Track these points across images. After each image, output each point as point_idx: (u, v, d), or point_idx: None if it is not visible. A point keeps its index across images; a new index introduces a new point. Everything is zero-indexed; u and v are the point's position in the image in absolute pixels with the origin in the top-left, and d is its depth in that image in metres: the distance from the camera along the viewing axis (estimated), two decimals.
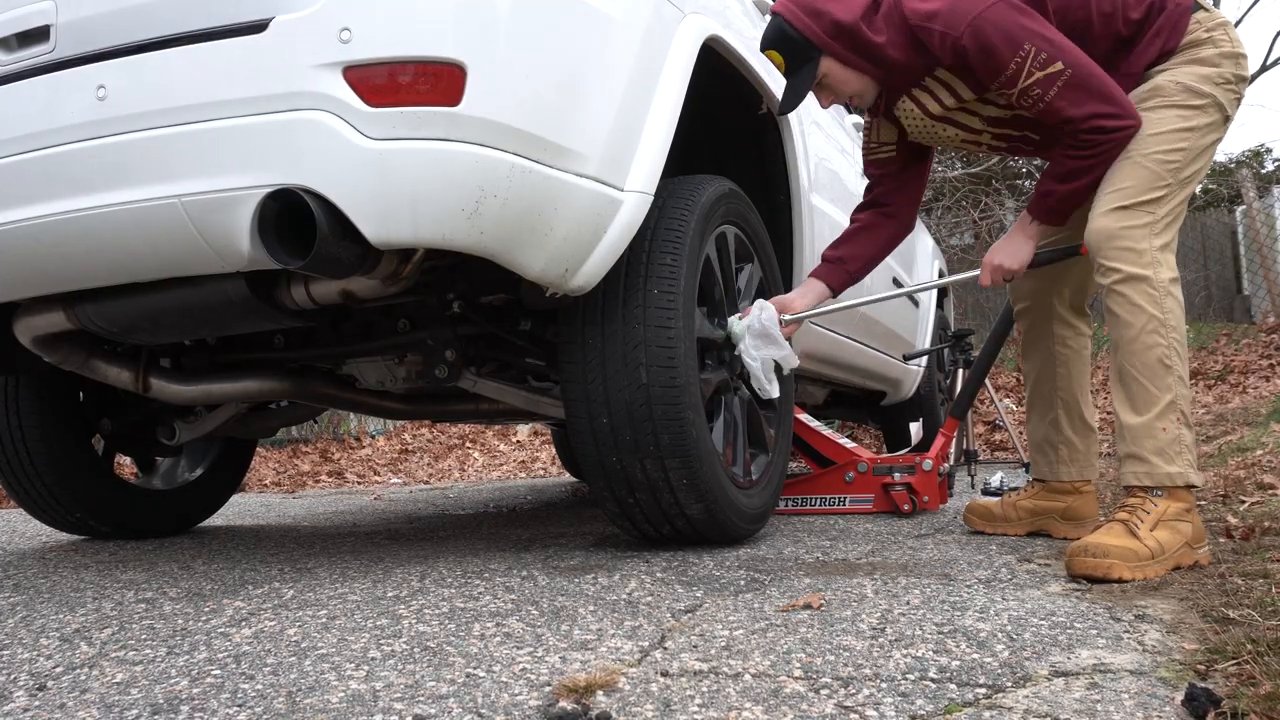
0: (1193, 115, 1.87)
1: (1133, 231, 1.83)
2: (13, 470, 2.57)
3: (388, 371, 2.42)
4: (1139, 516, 1.76)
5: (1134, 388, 1.83)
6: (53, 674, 1.28)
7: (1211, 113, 1.88)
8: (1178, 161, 1.86)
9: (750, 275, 2.35)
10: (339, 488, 5.77)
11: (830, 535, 2.37)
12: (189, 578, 1.99)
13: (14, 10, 1.75)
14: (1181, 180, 1.86)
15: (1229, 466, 3.17)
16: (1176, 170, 1.86)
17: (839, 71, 2.02)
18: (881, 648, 1.28)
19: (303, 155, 1.55)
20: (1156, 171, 1.84)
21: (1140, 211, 1.84)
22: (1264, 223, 8.95)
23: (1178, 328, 1.82)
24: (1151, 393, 1.81)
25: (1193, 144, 1.87)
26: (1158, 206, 1.84)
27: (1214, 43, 1.89)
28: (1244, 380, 6.74)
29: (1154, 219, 1.84)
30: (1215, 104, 1.88)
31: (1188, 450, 1.81)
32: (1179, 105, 1.87)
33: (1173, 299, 1.82)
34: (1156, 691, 1.08)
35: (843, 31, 1.97)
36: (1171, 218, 1.86)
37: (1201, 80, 1.88)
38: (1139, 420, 1.81)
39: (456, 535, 2.65)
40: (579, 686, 1.12)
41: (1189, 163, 1.87)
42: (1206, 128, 1.88)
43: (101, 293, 1.87)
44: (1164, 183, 1.84)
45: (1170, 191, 1.85)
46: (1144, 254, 1.82)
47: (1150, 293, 1.81)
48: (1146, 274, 1.81)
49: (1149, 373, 1.81)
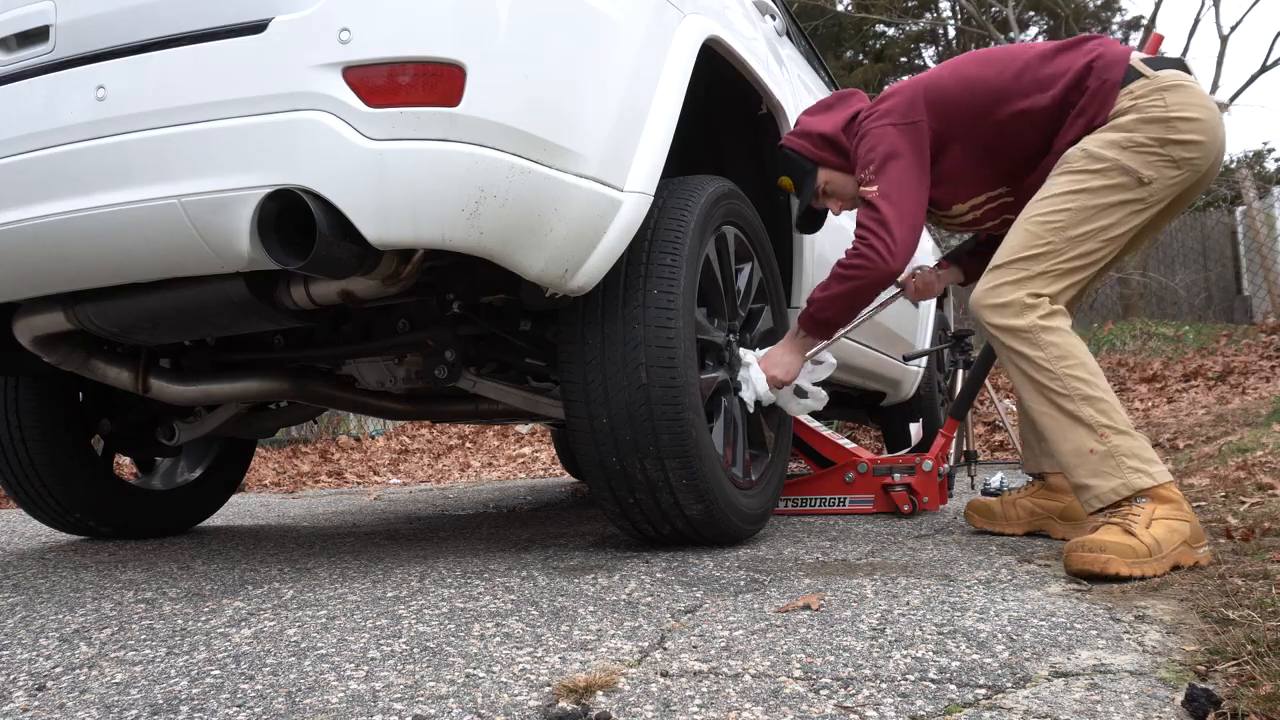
0: (1087, 178, 1.92)
1: (1001, 288, 1.93)
2: (12, 470, 2.57)
3: (387, 372, 2.42)
4: (1131, 518, 1.76)
5: (1047, 425, 1.89)
6: (52, 674, 1.28)
7: (1113, 175, 1.91)
8: (1060, 221, 1.92)
9: (750, 275, 2.35)
10: (338, 488, 5.77)
11: (830, 536, 2.37)
12: (189, 578, 1.98)
13: (13, 10, 1.75)
14: (1069, 238, 1.91)
15: (1229, 467, 3.17)
16: (1059, 229, 1.92)
17: (836, 177, 2.29)
18: (881, 648, 1.27)
19: (302, 156, 1.55)
20: (1035, 231, 1.93)
21: (1010, 269, 1.94)
22: (1264, 223, 8.95)
23: (1066, 356, 1.87)
24: (1062, 423, 1.87)
25: (1083, 204, 1.92)
26: (1033, 263, 1.92)
27: (1139, 109, 1.92)
28: (1244, 381, 6.74)
29: (1027, 274, 1.92)
30: (1118, 168, 1.91)
31: (1124, 459, 1.82)
32: (1074, 170, 1.94)
33: (1049, 333, 1.89)
34: (1156, 692, 1.08)
35: (827, 142, 2.28)
36: (1059, 272, 1.92)
37: (1106, 145, 1.92)
38: (1066, 450, 1.87)
39: (456, 535, 2.65)
40: (579, 687, 1.12)
41: (1078, 222, 1.92)
42: (1102, 189, 1.92)
43: (101, 293, 1.87)
44: (1042, 241, 1.92)
45: (1052, 248, 1.92)
46: (1010, 305, 1.91)
47: (1023, 336, 1.89)
48: (1013, 323, 1.90)
49: (1051, 407, 1.88)
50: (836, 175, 2.28)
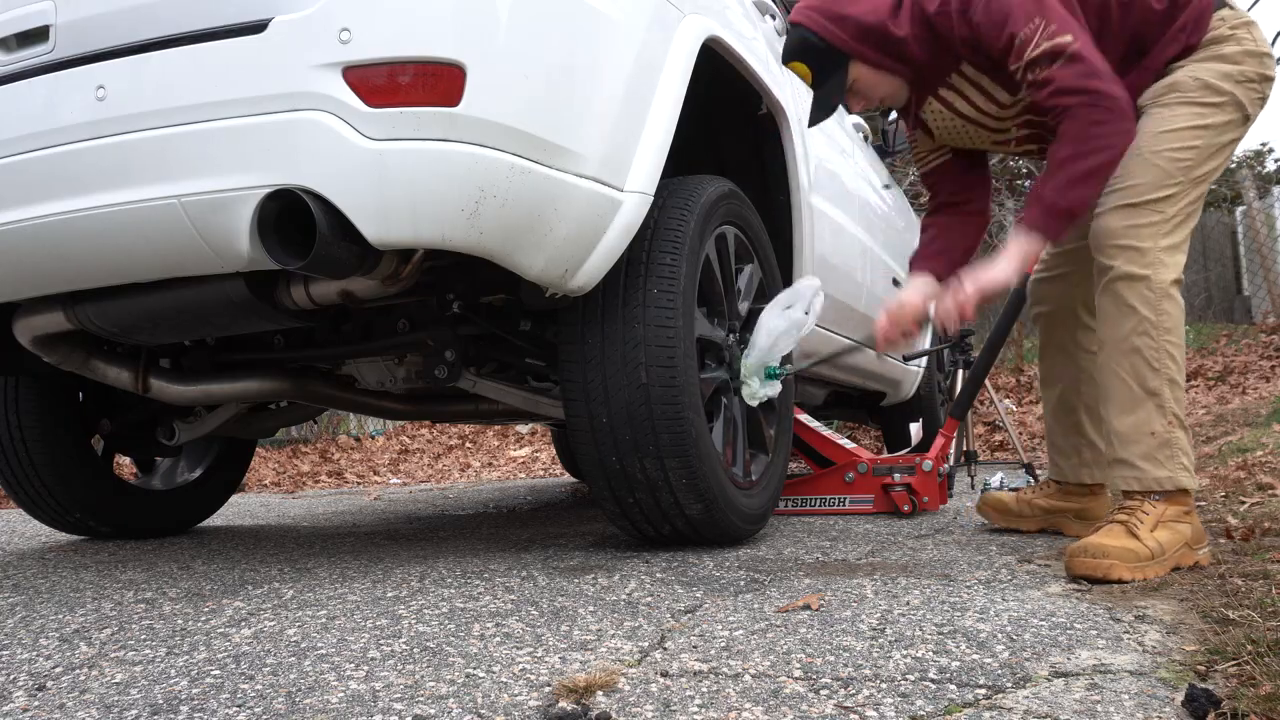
0: (1209, 112, 1.82)
1: (1138, 230, 1.78)
2: (12, 470, 2.57)
3: (387, 372, 2.41)
4: (1138, 518, 1.75)
5: (1120, 390, 1.79)
6: (52, 674, 1.28)
7: (1229, 111, 1.83)
8: (1190, 160, 1.80)
9: (750, 275, 2.35)
10: (338, 488, 5.77)
11: (830, 536, 2.37)
12: (189, 578, 1.98)
13: (13, 10, 1.75)
14: (1194, 179, 1.81)
15: (1229, 467, 3.17)
16: (1188, 169, 1.80)
17: (869, 75, 1.98)
18: (881, 648, 1.27)
19: (302, 155, 1.55)
20: (1167, 169, 1.79)
21: (1148, 210, 1.79)
22: (1264, 223, 8.94)
23: (1173, 330, 1.77)
24: (1137, 394, 1.78)
25: (1207, 141, 1.82)
26: (1167, 205, 1.79)
27: (1237, 40, 1.84)
28: (1244, 381, 6.74)
29: (1163, 218, 1.78)
30: (1234, 102, 1.83)
31: (1180, 454, 1.77)
32: (1195, 102, 1.82)
33: (1171, 301, 1.78)
34: (1156, 692, 1.08)
35: (869, 33, 1.92)
36: (1182, 217, 1.81)
37: (1221, 77, 1.83)
38: (1127, 423, 1.79)
39: (456, 535, 2.65)
40: (579, 687, 1.12)
41: (1202, 161, 1.82)
42: (1223, 126, 1.83)
43: (101, 293, 1.86)
44: (1174, 181, 1.79)
45: (1181, 190, 1.80)
46: (1147, 253, 1.77)
47: (1146, 294, 1.76)
48: (1145, 274, 1.76)
49: (1135, 374, 1.77)
50: (869, 72, 1.97)
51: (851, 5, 1.93)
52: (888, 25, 1.91)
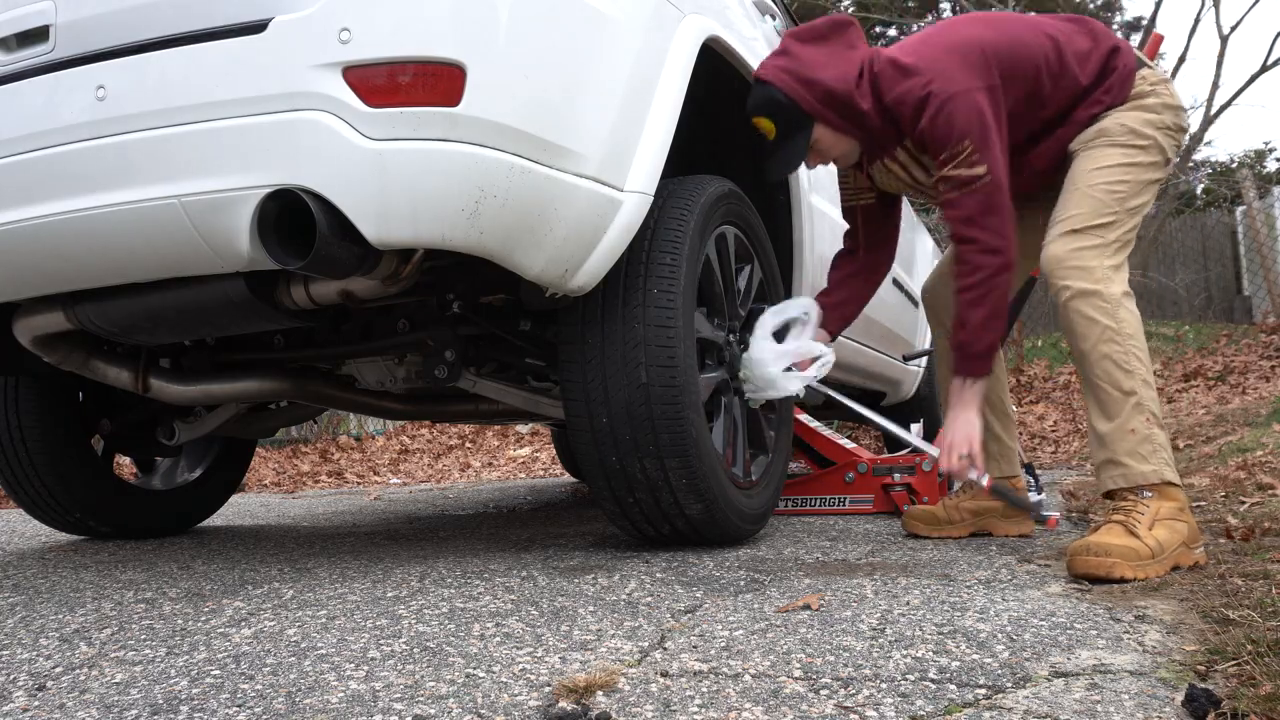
0: (1136, 154, 1.97)
1: (1082, 253, 1.90)
2: (12, 470, 2.57)
3: (387, 371, 2.42)
4: (1135, 517, 1.77)
5: (1100, 395, 1.89)
6: (52, 674, 1.28)
7: (1153, 153, 1.98)
8: (1123, 192, 1.94)
9: (750, 276, 2.35)
10: (338, 488, 5.77)
11: (830, 536, 2.37)
12: (189, 578, 1.99)
13: (13, 10, 1.75)
14: (1128, 210, 1.95)
15: (1229, 467, 3.17)
16: (1122, 199, 1.94)
17: (829, 137, 2.07)
18: (881, 648, 1.27)
19: (302, 155, 1.55)
20: (1103, 200, 1.93)
21: (1089, 235, 1.92)
22: (1264, 223, 8.95)
23: (1135, 335, 1.89)
24: (1116, 397, 1.86)
25: (1135, 178, 1.96)
26: (1106, 232, 1.92)
27: (1157, 94, 2.00)
28: (1244, 381, 6.74)
29: (1103, 242, 1.92)
30: (1156, 145, 1.98)
31: (1160, 449, 1.85)
32: (1123, 144, 1.97)
33: (1126, 310, 1.89)
34: (1156, 692, 1.08)
35: (836, 100, 2.01)
36: (1120, 244, 1.94)
37: (1145, 124, 1.98)
38: (1110, 426, 1.87)
39: (456, 535, 2.65)
40: (579, 687, 1.12)
41: (1134, 195, 1.96)
42: (1149, 165, 1.98)
43: (101, 293, 1.86)
44: (1110, 210, 1.93)
45: (1118, 219, 1.93)
46: (1094, 271, 1.89)
47: (1102, 305, 1.87)
48: (1097, 288, 1.88)
49: (1110, 379, 1.87)
50: (830, 134, 2.06)
51: (821, 70, 2.01)
52: (854, 95, 2.01)
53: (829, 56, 2.03)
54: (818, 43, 2.05)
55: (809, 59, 2.02)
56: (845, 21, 2.10)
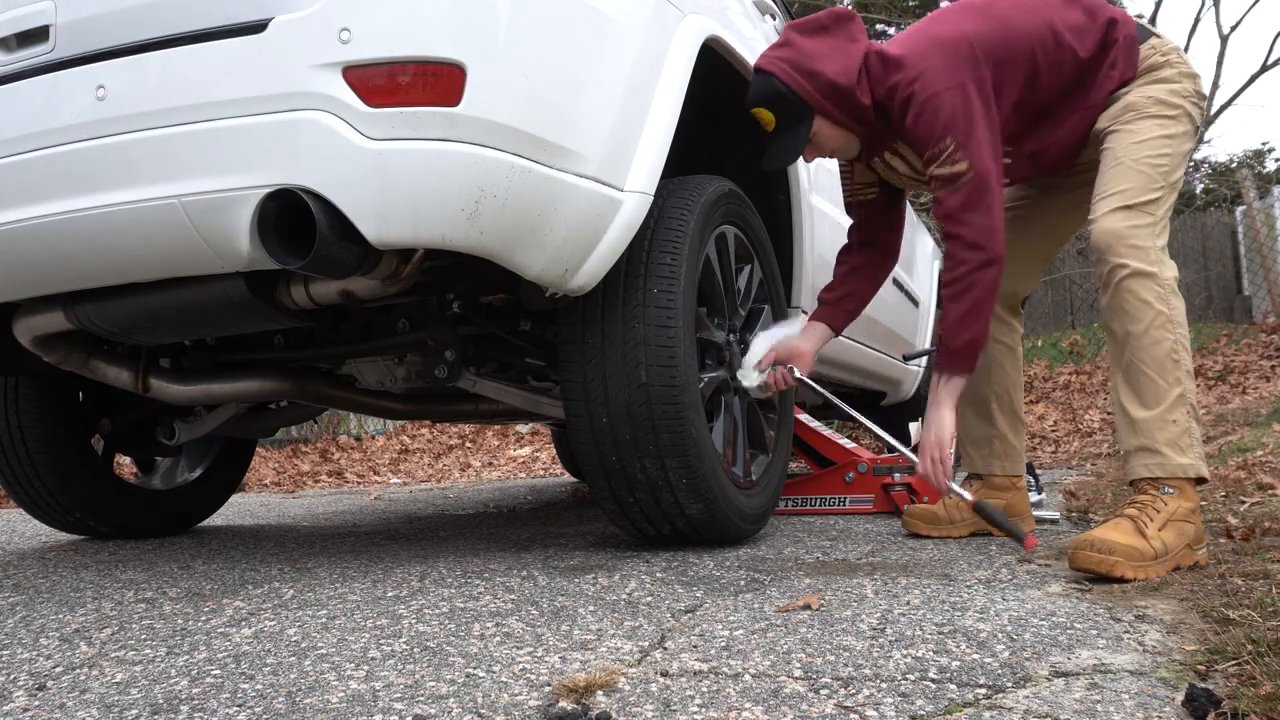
0: (1169, 124, 1.95)
1: (1138, 231, 1.86)
2: (13, 470, 2.57)
3: (387, 371, 2.41)
4: (1149, 514, 1.76)
5: (1143, 381, 1.85)
6: (52, 674, 1.28)
7: (1184, 122, 1.96)
8: (1166, 165, 1.92)
9: (750, 275, 2.35)
10: (338, 488, 5.77)
11: (830, 535, 2.37)
12: (189, 578, 1.99)
13: (13, 10, 1.75)
14: (1171, 184, 1.92)
15: (1229, 467, 3.17)
16: (1167, 173, 1.92)
17: (828, 129, 2.05)
18: (881, 648, 1.27)
19: (302, 155, 1.55)
20: (1150, 174, 1.90)
21: (1142, 212, 1.88)
22: (1264, 223, 8.95)
23: (1183, 325, 1.86)
24: (1161, 386, 1.83)
25: (1174, 149, 1.94)
26: (1156, 208, 1.89)
27: (1171, 64, 1.99)
28: (1244, 380, 6.74)
29: (1154, 220, 1.88)
30: (1186, 114, 1.97)
31: (1197, 444, 1.83)
32: (1155, 116, 1.95)
33: (1177, 297, 1.87)
34: (1157, 692, 1.08)
35: (838, 93, 1.99)
36: (1164, 224, 1.92)
37: (1171, 94, 1.96)
38: (1150, 413, 1.83)
39: (456, 535, 2.65)
40: (579, 686, 1.12)
41: (1175, 167, 1.93)
42: (1183, 135, 1.96)
43: (101, 293, 1.86)
44: (1157, 185, 1.90)
45: (1163, 194, 1.90)
46: (1149, 252, 1.85)
47: (1157, 289, 1.84)
48: (1153, 270, 1.84)
49: (1158, 366, 1.84)
50: (829, 127, 2.04)
51: (822, 62, 1.99)
52: (855, 89, 1.99)
53: (831, 49, 2.01)
54: (819, 35, 2.04)
55: (811, 50, 2.01)
56: (847, 14, 2.08)
